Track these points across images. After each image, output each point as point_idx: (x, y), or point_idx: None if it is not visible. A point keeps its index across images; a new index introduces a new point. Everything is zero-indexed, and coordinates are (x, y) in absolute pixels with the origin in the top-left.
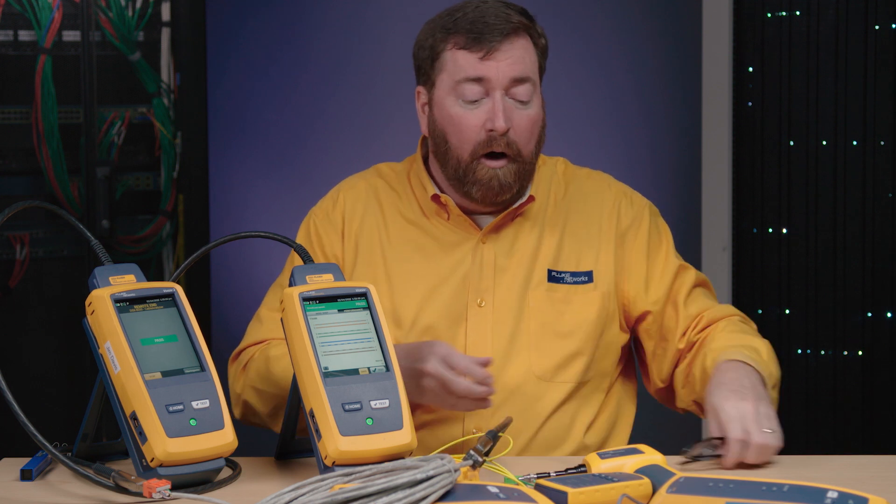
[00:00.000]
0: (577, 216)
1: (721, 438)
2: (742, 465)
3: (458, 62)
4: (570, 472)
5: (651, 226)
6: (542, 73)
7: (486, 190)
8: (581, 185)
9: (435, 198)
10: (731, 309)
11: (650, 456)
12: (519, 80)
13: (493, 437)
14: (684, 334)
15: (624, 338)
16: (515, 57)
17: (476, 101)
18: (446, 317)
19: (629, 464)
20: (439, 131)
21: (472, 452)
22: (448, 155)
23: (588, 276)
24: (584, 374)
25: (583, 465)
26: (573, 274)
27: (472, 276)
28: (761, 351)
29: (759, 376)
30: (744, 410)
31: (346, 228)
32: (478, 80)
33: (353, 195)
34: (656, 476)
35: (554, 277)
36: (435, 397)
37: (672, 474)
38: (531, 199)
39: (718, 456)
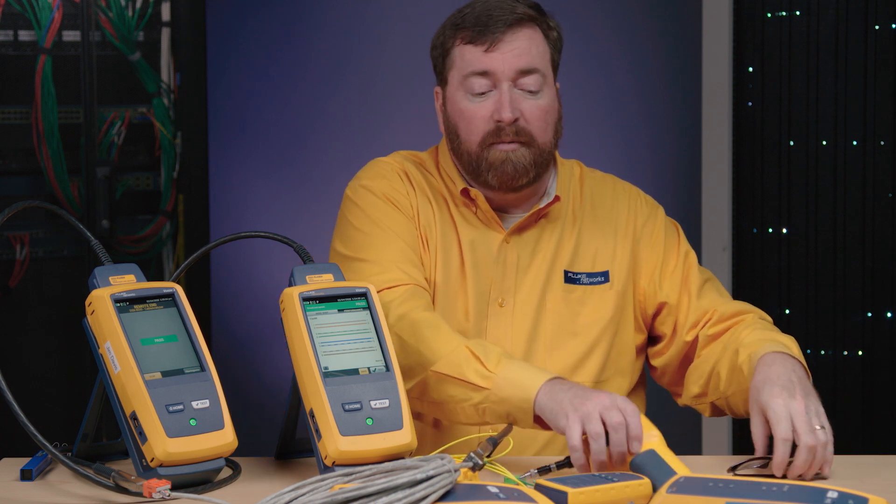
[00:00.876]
0: (592, 217)
1: (768, 458)
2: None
3: (465, 57)
4: (568, 458)
5: (667, 222)
6: (555, 67)
7: (501, 174)
8: (595, 185)
9: (464, 192)
10: (745, 305)
11: (647, 436)
12: (525, 72)
13: (494, 443)
14: (694, 327)
15: (640, 338)
16: (520, 48)
17: (484, 93)
18: (470, 316)
19: None
20: (452, 126)
21: (472, 455)
22: (461, 149)
23: (604, 276)
24: (601, 374)
25: None
26: (589, 275)
27: (496, 276)
28: (791, 348)
29: (804, 369)
30: (794, 409)
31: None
32: (483, 73)
33: (405, 171)
34: (652, 465)
35: (570, 278)
36: (581, 422)
37: (665, 464)
38: (557, 199)
39: (766, 475)
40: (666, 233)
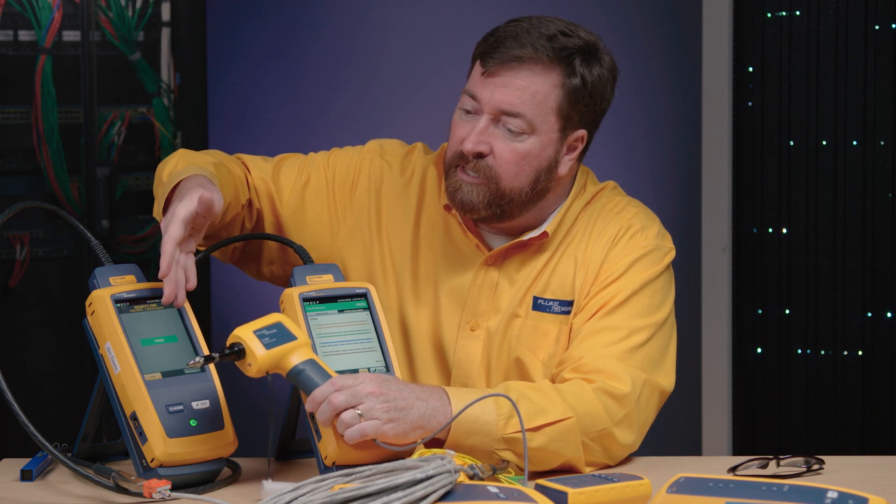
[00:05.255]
0: (579, 246)
1: (769, 458)
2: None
3: (473, 72)
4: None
5: (631, 268)
6: (564, 115)
7: (453, 202)
8: (592, 213)
9: (447, 208)
10: (615, 368)
11: None
12: (507, 113)
13: (494, 470)
14: (560, 364)
15: None
16: (513, 87)
17: (470, 113)
18: (438, 336)
19: None
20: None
21: (474, 466)
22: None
23: (571, 306)
24: None
25: None
26: (561, 303)
27: (471, 298)
28: (538, 413)
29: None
30: (363, 387)
31: (383, 200)
32: (473, 96)
33: (412, 170)
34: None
35: (540, 306)
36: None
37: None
38: (544, 235)
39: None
40: (614, 277)
